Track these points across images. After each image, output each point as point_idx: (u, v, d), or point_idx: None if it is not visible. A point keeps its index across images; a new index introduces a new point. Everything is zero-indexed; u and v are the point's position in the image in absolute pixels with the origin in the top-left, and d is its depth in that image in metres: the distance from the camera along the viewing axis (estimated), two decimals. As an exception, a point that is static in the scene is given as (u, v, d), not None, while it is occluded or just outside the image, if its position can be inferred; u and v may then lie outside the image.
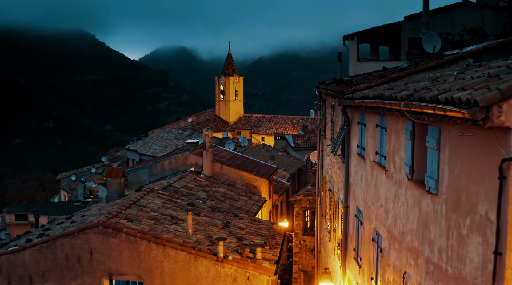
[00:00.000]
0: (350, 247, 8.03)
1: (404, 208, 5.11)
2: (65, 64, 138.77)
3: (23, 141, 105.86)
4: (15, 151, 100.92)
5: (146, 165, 17.52)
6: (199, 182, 15.98)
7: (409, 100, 4.35)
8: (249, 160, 18.46)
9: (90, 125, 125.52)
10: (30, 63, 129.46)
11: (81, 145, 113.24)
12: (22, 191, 57.13)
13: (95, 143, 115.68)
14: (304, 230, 16.27)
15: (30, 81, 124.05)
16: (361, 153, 7.27)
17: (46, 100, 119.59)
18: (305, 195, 15.91)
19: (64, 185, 42.16)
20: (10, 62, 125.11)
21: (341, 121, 9.00)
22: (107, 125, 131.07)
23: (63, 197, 41.50)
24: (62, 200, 39.79)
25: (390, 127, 5.65)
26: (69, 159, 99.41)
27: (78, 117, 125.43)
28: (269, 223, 12.46)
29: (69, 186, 40.62)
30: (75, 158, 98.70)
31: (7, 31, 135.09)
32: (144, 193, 12.24)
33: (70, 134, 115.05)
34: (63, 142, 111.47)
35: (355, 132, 7.65)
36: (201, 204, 12.63)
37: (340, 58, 12.43)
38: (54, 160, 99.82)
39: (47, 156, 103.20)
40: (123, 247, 9.81)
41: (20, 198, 51.92)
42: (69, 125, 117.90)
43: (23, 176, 65.52)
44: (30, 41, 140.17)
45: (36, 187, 60.78)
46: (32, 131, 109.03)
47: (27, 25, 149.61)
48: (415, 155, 4.77)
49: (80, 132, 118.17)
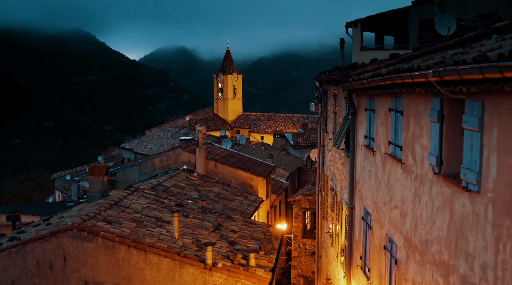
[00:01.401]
0: (356, 255, 6.93)
1: (428, 210, 4.02)
2: (65, 64, 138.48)
3: (22, 141, 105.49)
4: (15, 151, 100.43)
5: (135, 163, 16.46)
6: (191, 181, 14.91)
7: (439, 67, 3.28)
8: (246, 158, 17.39)
9: (90, 125, 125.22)
10: (30, 63, 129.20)
11: (80, 145, 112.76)
12: (19, 191, 56.27)
13: (95, 143, 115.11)
14: (303, 233, 15.18)
15: (30, 81, 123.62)
16: (369, 145, 6.18)
17: (46, 100, 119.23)
18: (304, 195, 14.82)
19: (59, 185, 41.20)
20: (10, 62, 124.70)
21: (344, 110, 7.92)
22: (107, 125, 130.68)
23: (57, 197, 40.52)
24: (56, 201, 38.81)
25: (409, 109, 4.57)
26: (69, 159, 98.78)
27: (78, 117, 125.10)
28: (265, 226, 11.37)
29: (64, 186, 39.64)
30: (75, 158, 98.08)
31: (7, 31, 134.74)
32: (128, 192, 11.18)
33: (70, 134, 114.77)
34: (63, 142, 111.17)
35: (362, 121, 6.57)
36: (191, 205, 11.56)
37: (343, 45, 11.37)
38: (53, 160, 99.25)
39: (46, 156, 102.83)
40: (100, 253, 8.75)
41: (17, 199, 51.03)
42: (69, 125, 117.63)
43: (20, 176, 64.77)
44: (30, 41, 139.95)
45: (33, 187, 59.98)
46: (31, 131, 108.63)
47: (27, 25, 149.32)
48: (445, 142, 3.69)
49: (80, 132, 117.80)
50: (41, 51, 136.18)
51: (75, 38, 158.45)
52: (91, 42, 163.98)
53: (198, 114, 48.42)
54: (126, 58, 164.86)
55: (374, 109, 5.88)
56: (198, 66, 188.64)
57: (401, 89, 4.30)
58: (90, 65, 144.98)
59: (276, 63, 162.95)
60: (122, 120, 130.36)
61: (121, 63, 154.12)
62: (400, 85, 4.31)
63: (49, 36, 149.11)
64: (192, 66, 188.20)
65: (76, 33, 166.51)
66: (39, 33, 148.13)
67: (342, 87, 7.19)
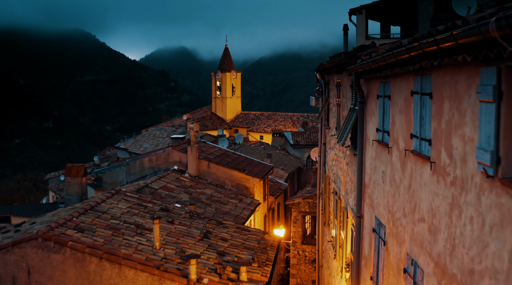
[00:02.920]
0: (365, 274, 5.75)
1: (475, 229, 2.86)
2: (66, 64, 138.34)
3: (22, 141, 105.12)
4: (14, 152, 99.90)
5: (123, 163, 15.32)
6: (182, 183, 13.76)
7: (508, 12, 2.13)
8: (242, 157, 16.22)
9: (90, 126, 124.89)
10: (31, 63, 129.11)
11: (80, 146, 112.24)
12: (16, 191, 55.29)
13: (95, 143, 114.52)
14: (303, 239, 14.00)
15: (31, 81, 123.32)
16: (382, 140, 5.01)
17: (46, 100, 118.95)
18: (304, 197, 13.64)
19: (52, 186, 40.10)
20: (10, 62, 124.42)
21: (350, 101, 6.75)
22: (107, 125, 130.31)
23: (51, 198, 39.42)
24: (50, 201, 37.69)
25: (442, 89, 3.41)
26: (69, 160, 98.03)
27: (78, 117, 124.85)
28: (259, 233, 10.20)
29: (57, 187, 38.51)
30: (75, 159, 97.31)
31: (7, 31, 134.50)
32: (108, 195, 10.03)
33: (69, 134, 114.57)
34: (63, 143, 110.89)
35: (373, 111, 5.40)
36: (179, 209, 10.40)
37: (346, 31, 10.21)
38: (53, 160, 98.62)
39: (46, 157, 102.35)
40: (68, 266, 7.61)
41: (14, 199, 50.00)
42: (68, 125, 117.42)
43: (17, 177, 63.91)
44: (30, 41, 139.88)
45: (30, 187, 59.06)
46: (31, 131, 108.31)
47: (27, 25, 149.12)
48: (504, 131, 2.53)
49: (80, 133, 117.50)
50: (42, 51, 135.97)
51: (76, 38, 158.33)
52: (91, 42, 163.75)
53: (196, 113, 47.17)
54: (126, 58, 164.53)
55: (389, 95, 4.72)
56: (199, 66, 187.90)
57: (433, 62, 3.15)
58: (91, 65, 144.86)
59: (276, 63, 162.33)
60: (122, 120, 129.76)
61: (121, 63, 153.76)
62: (431, 55, 3.16)
63: (49, 36, 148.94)
64: (192, 66, 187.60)
65: (76, 33, 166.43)
66: (39, 33, 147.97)
67: (348, 72, 6.01)
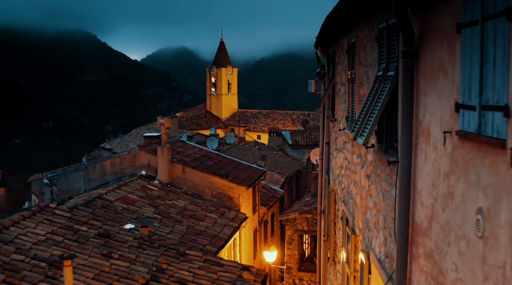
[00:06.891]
0: None
1: None
2: (66, 65, 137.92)
3: (21, 141, 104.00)
4: (14, 152, 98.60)
5: (80, 167, 12.51)
6: (148, 192, 10.93)
7: None
8: (227, 160, 13.35)
9: (90, 126, 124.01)
10: (31, 63, 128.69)
11: (80, 146, 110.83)
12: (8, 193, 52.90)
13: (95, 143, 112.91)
14: (300, 264, 11.09)
15: (31, 82, 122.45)
16: (477, 130, 2.09)
17: (46, 100, 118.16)
18: (301, 212, 10.74)
19: (35, 189, 37.39)
20: (11, 62, 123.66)
21: (377, 66, 3.86)
22: (108, 125, 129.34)
23: (33, 202, 36.71)
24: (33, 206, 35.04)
25: None
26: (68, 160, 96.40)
27: (79, 117, 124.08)
28: (236, 268, 7.30)
29: (40, 190, 35.80)
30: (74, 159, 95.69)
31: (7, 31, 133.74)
32: (27, 214, 7.22)
33: (69, 134, 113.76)
34: (63, 143, 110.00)
35: (442, 66, 2.47)
36: (126, 234, 7.55)
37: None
38: (53, 160, 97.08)
39: (46, 157, 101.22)
40: None
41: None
42: (69, 125, 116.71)
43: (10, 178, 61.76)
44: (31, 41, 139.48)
45: (21, 189, 56.81)
46: (31, 132, 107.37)
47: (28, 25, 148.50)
48: None
49: (80, 133, 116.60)
50: (42, 51, 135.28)
51: (77, 38, 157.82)
52: (92, 42, 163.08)
53: (190, 111, 44.22)
54: (127, 58, 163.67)
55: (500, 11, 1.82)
56: (200, 66, 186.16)
57: None
58: (92, 65, 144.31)
59: (277, 63, 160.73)
60: (123, 121, 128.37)
61: (122, 63, 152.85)
62: None
63: (50, 36, 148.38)
64: (193, 66, 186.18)
65: (77, 33, 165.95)
66: (40, 33, 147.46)
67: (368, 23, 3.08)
